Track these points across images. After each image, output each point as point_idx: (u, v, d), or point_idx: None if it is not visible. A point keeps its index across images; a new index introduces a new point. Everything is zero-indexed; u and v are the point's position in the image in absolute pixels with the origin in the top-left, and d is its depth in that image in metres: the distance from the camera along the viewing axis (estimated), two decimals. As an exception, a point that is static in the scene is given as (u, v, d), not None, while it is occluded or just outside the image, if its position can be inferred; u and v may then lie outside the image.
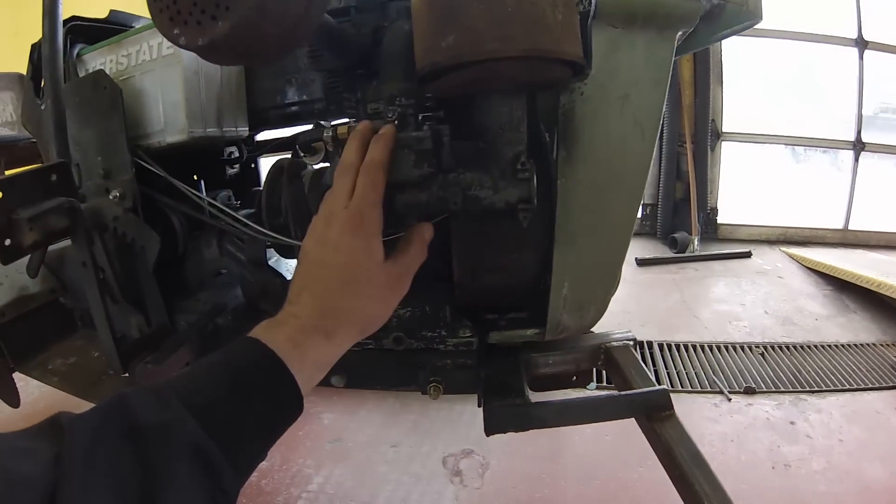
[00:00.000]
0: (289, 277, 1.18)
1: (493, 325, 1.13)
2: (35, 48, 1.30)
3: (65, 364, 1.37)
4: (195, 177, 1.41)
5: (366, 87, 0.95)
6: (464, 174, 0.80)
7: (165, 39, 1.02)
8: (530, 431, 1.05)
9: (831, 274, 3.01)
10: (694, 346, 2.52)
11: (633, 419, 1.11)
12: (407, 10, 0.87)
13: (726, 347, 2.50)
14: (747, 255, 3.56)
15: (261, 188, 1.59)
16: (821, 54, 4.13)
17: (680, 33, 0.93)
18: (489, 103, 0.81)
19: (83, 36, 1.25)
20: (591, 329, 1.20)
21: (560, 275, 1.00)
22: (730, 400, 2.19)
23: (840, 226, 3.94)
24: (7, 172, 1.93)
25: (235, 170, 1.60)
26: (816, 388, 2.23)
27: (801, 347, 2.53)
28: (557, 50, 0.72)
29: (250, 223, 1.07)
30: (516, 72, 0.73)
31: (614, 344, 1.26)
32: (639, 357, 1.26)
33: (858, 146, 3.97)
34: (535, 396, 1.09)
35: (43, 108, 1.20)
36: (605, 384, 2.15)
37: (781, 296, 2.91)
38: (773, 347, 2.52)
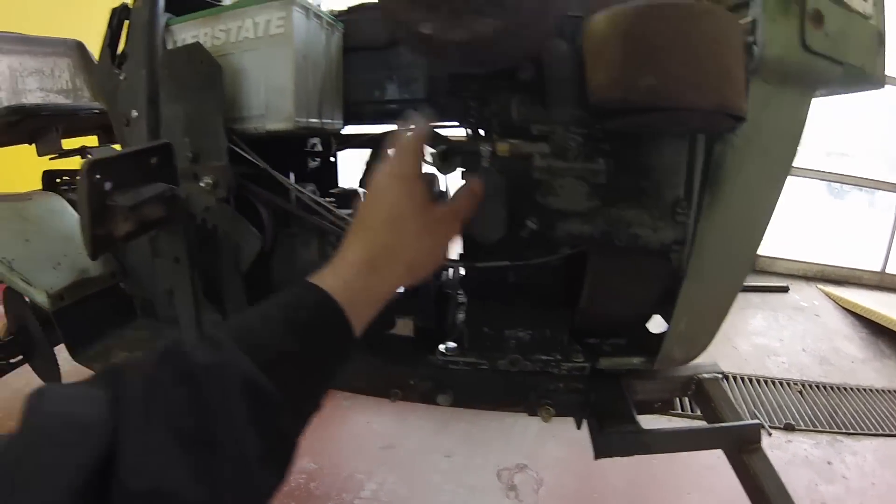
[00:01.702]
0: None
1: (601, 351, 1.19)
2: (115, 13, 1.23)
3: (130, 359, 1.34)
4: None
5: (499, 98, 0.96)
6: (626, 211, 0.87)
7: (276, 17, 1.00)
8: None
9: (868, 317, 3.09)
10: (734, 378, 2.58)
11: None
12: (572, 27, 0.88)
13: (766, 381, 2.56)
14: (785, 289, 3.63)
15: (344, 186, 1.63)
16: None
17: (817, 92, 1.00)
18: (659, 145, 0.86)
19: (170, 6, 1.15)
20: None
21: (682, 310, 1.06)
22: (770, 434, 2.24)
23: (878, 268, 3.99)
24: (64, 142, 1.90)
25: (317, 163, 1.54)
26: (852, 431, 2.29)
27: (838, 388, 2.59)
28: (737, 106, 0.79)
29: None
30: (698, 121, 0.78)
31: (705, 376, 1.32)
32: (728, 390, 1.32)
33: (901, 189, 4.02)
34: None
35: (122, 77, 1.14)
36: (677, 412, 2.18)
37: (819, 334, 2.98)
38: (810, 386, 2.58)
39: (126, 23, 1.23)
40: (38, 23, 2.71)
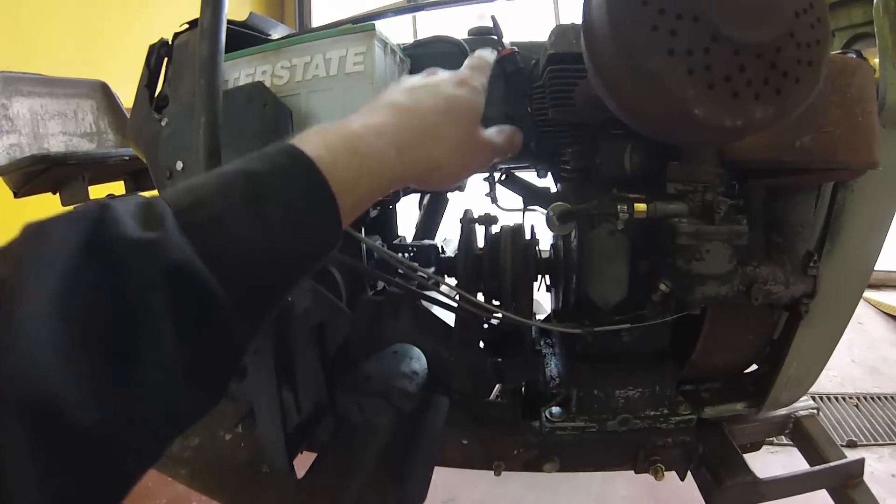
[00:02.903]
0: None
1: (702, 399, 1.17)
2: (154, 49, 1.12)
3: (186, 447, 1.14)
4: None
5: (609, 146, 0.95)
6: (760, 268, 0.86)
7: (353, 53, 0.89)
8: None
9: (911, 320, 3.10)
10: (788, 397, 2.56)
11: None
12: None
13: (822, 398, 2.54)
14: (824, 297, 3.59)
15: (402, 237, 1.58)
16: None
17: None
18: (794, 199, 0.86)
19: (228, 43, 1.00)
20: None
21: (793, 355, 1.06)
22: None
23: None
24: (91, 189, 1.80)
25: (377, 212, 1.42)
26: (912, 440, 2.30)
27: (893, 398, 2.58)
28: (878, 161, 0.78)
29: (471, 297, 1.03)
30: (846, 177, 0.78)
31: (802, 413, 1.31)
32: (826, 425, 1.31)
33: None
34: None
35: (164, 123, 1.03)
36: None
37: (864, 343, 2.98)
38: (865, 398, 2.58)
39: (166, 60, 1.12)
40: (61, 62, 2.69)
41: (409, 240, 1.54)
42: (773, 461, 2.12)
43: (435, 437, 1.09)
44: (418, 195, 1.81)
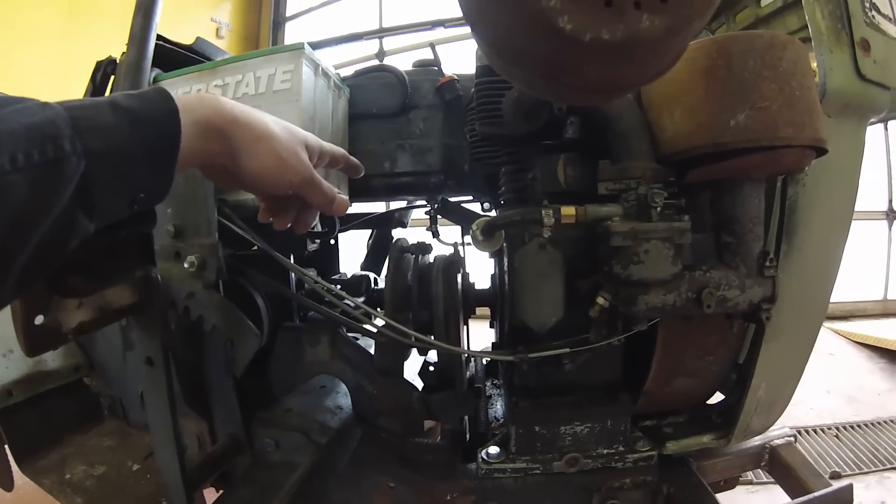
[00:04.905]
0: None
1: (664, 434, 1.04)
2: (101, 66, 1.13)
3: (90, 475, 1.09)
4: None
5: (541, 162, 0.88)
6: (709, 272, 0.75)
7: (281, 72, 0.91)
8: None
9: (882, 346, 3.05)
10: (768, 433, 2.46)
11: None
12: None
13: (799, 432, 2.44)
14: (791, 331, 3.58)
15: (343, 273, 1.49)
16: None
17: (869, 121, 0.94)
18: (742, 193, 0.76)
19: (160, 60, 1.06)
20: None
21: (761, 374, 0.95)
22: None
23: (880, 297, 4.04)
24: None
25: (316, 245, 1.38)
26: (896, 465, 2.22)
27: (873, 425, 2.51)
28: (825, 139, 0.71)
29: (396, 324, 0.91)
30: (792, 160, 0.70)
31: (778, 442, 1.19)
32: (806, 449, 1.20)
33: (891, 215, 4.18)
34: None
35: None
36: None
37: (838, 373, 2.93)
38: (845, 427, 2.49)
39: (112, 78, 1.12)
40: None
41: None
42: (756, 502, 2.00)
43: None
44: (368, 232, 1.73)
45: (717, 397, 1.13)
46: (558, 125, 0.84)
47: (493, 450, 0.99)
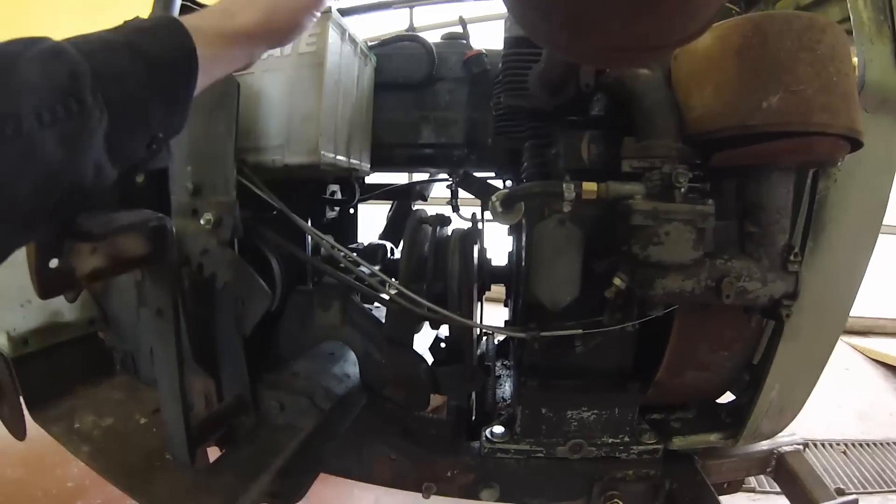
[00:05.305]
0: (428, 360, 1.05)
1: (671, 429, 1.03)
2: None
3: (98, 426, 1.10)
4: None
5: (566, 136, 0.86)
6: (730, 261, 0.73)
7: (306, 34, 0.85)
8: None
9: (899, 366, 3.00)
10: (773, 442, 2.42)
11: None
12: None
13: (807, 444, 2.40)
14: (807, 344, 3.52)
15: (363, 241, 1.48)
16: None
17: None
18: (769, 181, 0.74)
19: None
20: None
21: (776, 374, 0.93)
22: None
23: None
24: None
25: (335, 213, 1.38)
26: (902, 487, 2.16)
27: (882, 445, 2.46)
28: (861, 130, 0.68)
29: (408, 292, 0.91)
30: (825, 148, 0.67)
31: (786, 449, 1.17)
32: (812, 462, 1.18)
33: (909, 231, 4.01)
34: None
35: None
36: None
37: (852, 389, 2.86)
38: (853, 445, 2.44)
39: None
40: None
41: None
42: (757, 510, 1.97)
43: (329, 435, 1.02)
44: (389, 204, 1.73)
45: (728, 398, 1.12)
46: (584, 101, 0.82)
47: (498, 429, 0.98)
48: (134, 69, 0.43)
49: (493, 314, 1.30)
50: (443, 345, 1.02)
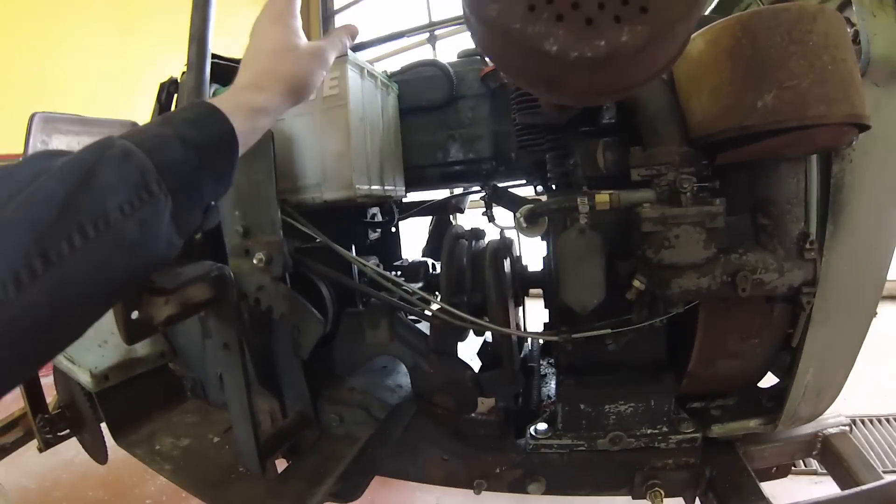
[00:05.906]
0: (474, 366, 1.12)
1: (710, 417, 1.06)
2: (164, 87, 1.26)
3: (176, 446, 1.24)
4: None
5: (582, 147, 0.90)
6: (745, 255, 0.77)
7: (328, 78, 0.97)
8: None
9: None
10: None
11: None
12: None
13: (872, 421, 2.33)
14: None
15: (407, 257, 1.57)
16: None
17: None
18: (777, 173, 0.77)
19: (218, 77, 1.13)
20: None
21: (808, 359, 0.95)
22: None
23: None
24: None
25: (377, 234, 1.47)
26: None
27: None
28: (864, 114, 0.70)
29: (450, 308, 0.99)
30: (827, 138, 0.69)
31: (831, 431, 1.18)
32: (860, 441, 1.18)
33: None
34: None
35: None
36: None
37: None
38: (908, 417, 2.35)
39: (175, 96, 1.25)
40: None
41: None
42: (818, 493, 1.94)
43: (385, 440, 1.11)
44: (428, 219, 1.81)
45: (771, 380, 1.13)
46: (595, 111, 0.87)
47: (542, 426, 1.04)
48: (187, 158, 0.52)
49: (540, 313, 1.35)
50: (489, 349, 1.10)
